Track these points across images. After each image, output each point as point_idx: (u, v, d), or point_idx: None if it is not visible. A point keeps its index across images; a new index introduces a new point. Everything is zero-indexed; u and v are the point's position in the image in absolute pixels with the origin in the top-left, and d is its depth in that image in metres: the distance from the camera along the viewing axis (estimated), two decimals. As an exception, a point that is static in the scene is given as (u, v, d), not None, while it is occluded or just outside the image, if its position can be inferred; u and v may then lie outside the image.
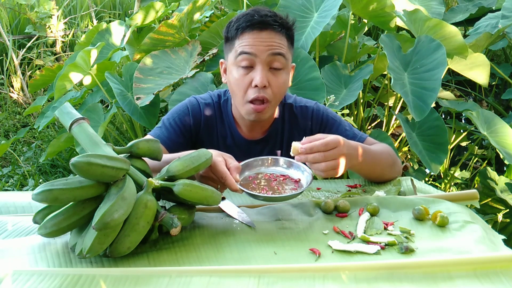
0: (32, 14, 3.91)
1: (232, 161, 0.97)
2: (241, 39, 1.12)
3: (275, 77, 1.13)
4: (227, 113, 1.27)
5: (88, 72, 2.32)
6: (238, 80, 1.13)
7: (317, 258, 0.79)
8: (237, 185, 0.91)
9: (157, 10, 2.68)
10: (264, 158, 1.07)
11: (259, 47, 1.10)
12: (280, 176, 1.03)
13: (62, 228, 0.78)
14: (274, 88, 1.13)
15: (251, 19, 1.10)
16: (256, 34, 1.10)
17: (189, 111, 1.25)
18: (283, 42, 1.13)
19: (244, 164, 1.03)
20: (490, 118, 2.03)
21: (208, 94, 1.31)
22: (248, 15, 1.12)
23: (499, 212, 1.92)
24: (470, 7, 3.45)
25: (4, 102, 3.91)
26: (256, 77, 1.11)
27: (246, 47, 1.10)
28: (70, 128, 0.86)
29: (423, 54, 1.98)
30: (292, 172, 1.04)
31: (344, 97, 2.11)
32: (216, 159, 0.94)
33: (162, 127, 1.24)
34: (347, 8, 2.44)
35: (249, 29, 1.11)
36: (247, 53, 1.10)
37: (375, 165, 1.11)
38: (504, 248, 0.83)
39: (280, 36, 1.12)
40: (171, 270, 0.74)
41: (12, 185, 2.80)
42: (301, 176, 1.02)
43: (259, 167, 1.06)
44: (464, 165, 2.68)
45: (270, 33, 1.11)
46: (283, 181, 1.01)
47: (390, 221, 0.91)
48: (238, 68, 1.13)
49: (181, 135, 1.23)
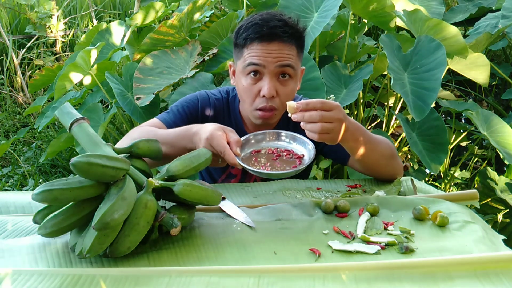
0: (32, 14, 3.91)
1: (232, 134, 0.96)
2: (249, 49, 1.12)
3: (283, 86, 1.13)
4: (234, 110, 1.28)
5: (88, 72, 2.32)
6: (246, 89, 1.14)
7: (317, 258, 0.79)
8: (237, 160, 0.90)
9: (157, 10, 2.68)
10: (267, 132, 1.06)
11: (268, 59, 1.10)
12: (283, 151, 1.01)
13: (62, 228, 0.78)
14: (282, 97, 1.14)
15: (260, 31, 1.09)
16: (264, 45, 1.10)
17: (198, 102, 1.25)
18: (292, 52, 1.13)
19: (246, 138, 1.01)
20: (490, 118, 2.03)
21: (217, 90, 1.31)
22: (257, 25, 1.10)
23: (499, 212, 1.92)
24: (470, 7, 3.45)
25: (4, 102, 3.91)
26: (264, 88, 1.11)
27: (254, 58, 1.10)
28: (70, 128, 0.86)
29: (423, 54, 1.98)
30: (295, 146, 1.02)
31: (344, 97, 2.11)
32: (215, 132, 0.94)
33: (170, 112, 1.24)
34: (347, 8, 2.44)
35: (257, 40, 1.10)
36: (255, 64, 1.11)
37: (371, 150, 1.08)
38: (504, 248, 0.83)
39: (289, 47, 1.12)
40: (171, 270, 0.74)
41: (12, 185, 2.80)
42: (304, 151, 1.00)
43: (262, 142, 1.04)
44: (464, 165, 2.68)
45: (279, 45, 1.10)
46: (287, 156, 0.99)
47: (390, 221, 0.91)
48: (247, 77, 1.14)
49: (187, 121, 1.22)
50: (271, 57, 1.10)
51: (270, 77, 1.11)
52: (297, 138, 1.03)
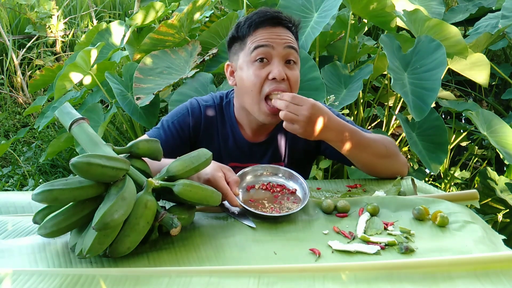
0: (32, 14, 3.91)
1: (231, 174, 0.99)
2: (254, 35, 1.13)
3: (291, 70, 1.14)
4: (229, 114, 1.26)
5: (88, 72, 2.32)
6: (253, 75, 1.12)
7: (317, 258, 0.79)
8: (238, 201, 0.94)
9: (157, 10, 2.68)
10: (262, 166, 1.09)
11: (276, 40, 1.11)
12: (277, 186, 1.04)
13: (62, 228, 0.78)
14: (292, 81, 1.13)
15: (264, 15, 1.12)
16: (270, 29, 1.12)
17: (189, 113, 1.24)
18: (294, 39, 1.16)
19: (242, 173, 1.05)
20: (490, 118, 2.02)
21: (210, 96, 1.30)
22: (259, 12, 1.14)
23: (499, 212, 1.92)
24: (470, 7, 3.45)
25: (4, 102, 3.91)
26: (274, 70, 1.10)
27: (262, 41, 1.11)
28: (70, 128, 0.86)
29: (423, 54, 1.98)
30: (289, 182, 1.06)
31: (344, 97, 2.10)
32: (216, 174, 0.96)
33: (160, 128, 1.24)
34: (347, 8, 2.44)
35: (262, 24, 1.12)
36: (264, 46, 1.11)
37: (362, 150, 1.11)
38: (504, 248, 0.83)
39: (291, 33, 1.15)
40: (171, 270, 0.74)
41: (12, 185, 2.80)
42: (297, 187, 1.04)
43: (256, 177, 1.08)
44: (464, 165, 2.68)
45: (282, 29, 1.13)
46: (280, 192, 1.02)
47: (390, 221, 0.91)
48: (253, 63, 1.12)
49: (178, 138, 1.23)
50: (279, 38, 1.12)
51: (279, 59, 1.11)
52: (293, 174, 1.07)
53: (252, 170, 1.07)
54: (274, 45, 1.11)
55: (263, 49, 1.11)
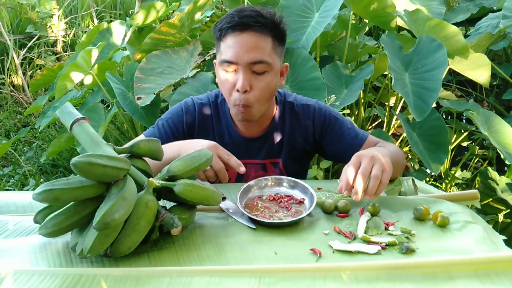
0: (33, 13, 3.91)
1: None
2: (224, 42, 1.11)
3: (257, 80, 1.11)
4: (224, 111, 1.27)
5: (89, 72, 2.32)
6: (224, 83, 1.14)
7: (317, 258, 0.79)
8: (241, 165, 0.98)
9: (158, 10, 2.68)
10: (265, 178, 1.06)
11: (240, 53, 1.08)
12: (284, 197, 1.01)
13: (62, 228, 0.78)
14: (256, 91, 1.12)
15: (231, 21, 1.09)
16: (237, 36, 1.09)
17: (183, 112, 1.26)
18: (267, 44, 1.10)
19: (247, 186, 1.02)
20: (491, 118, 2.02)
21: (206, 94, 1.31)
22: (230, 15, 1.10)
23: (500, 212, 1.92)
24: (471, 7, 3.44)
25: (5, 102, 3.91)
26: (238, 82, 1.10)
27: (227, 54, 1.10)
28: (71, 128, 0.86)
29: (424, 54, 1.98)
30: (295, 192, 1.03)
31: (345, 97, 2.10)
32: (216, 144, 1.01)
33: (155, 127, 1.26)
34: (348, 8, 2.44)
35: (230, 30, 1.09)
36: (228, 62, 1.10)
37: (396, 168, 1.07)
38: (505, 248, 0.83)
39: (264, 37, 1.09)
40: (172, 270, 0.74)
41: (13, 184, 2.80)
42: (304, 196, 1.01)
43: (260, 189, 1.05)
44: (465, 165, 2.67)
45: (251, 35, 1.08)
46: (287, 202, 0.99)
47: (391, 221, 0.91)
48: (223, 71, 1.13)
49: (172, 136, 1.24)
50: (243, 51, 1.08)
51: (244, 71, 1.10)
52: (298, 184, 1.04)
53: (255, 183, 1.05)
54: (238, 60, 1.09)
55: (228, 64, 1.10)
